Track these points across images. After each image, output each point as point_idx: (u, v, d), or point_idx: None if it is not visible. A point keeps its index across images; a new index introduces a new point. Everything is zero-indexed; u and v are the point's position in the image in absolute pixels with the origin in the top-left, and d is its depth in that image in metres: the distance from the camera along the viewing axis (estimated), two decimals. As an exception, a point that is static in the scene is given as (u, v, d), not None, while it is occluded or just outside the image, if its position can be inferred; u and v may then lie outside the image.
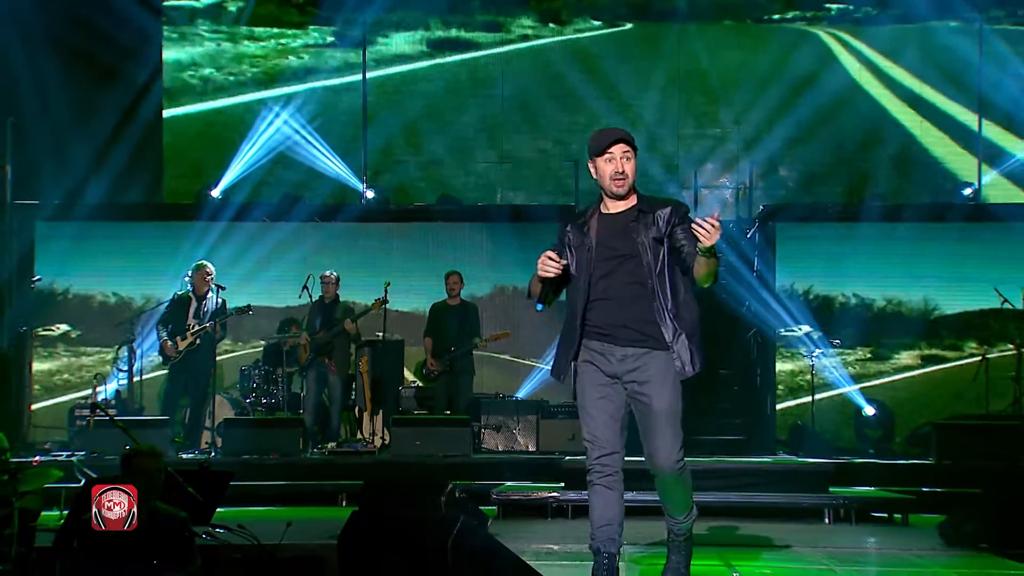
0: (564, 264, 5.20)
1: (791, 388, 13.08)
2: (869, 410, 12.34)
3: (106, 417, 8.23)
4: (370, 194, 14.88)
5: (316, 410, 12.10)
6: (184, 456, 11.05)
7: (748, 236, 13.42)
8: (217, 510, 7.32)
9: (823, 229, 13.29)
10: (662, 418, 5.21)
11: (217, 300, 11.81)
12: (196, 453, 11.42)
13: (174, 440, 11.38)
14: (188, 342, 11.64)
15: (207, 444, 11.69)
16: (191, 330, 11.66)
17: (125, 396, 12.42)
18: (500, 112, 15.49)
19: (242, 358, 13.15)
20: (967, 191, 14.34)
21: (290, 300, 12.69)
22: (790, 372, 13.12)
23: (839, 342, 12.47)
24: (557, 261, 5.13)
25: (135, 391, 12.40)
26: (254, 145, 14.88)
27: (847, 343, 12.91)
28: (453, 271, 12.23)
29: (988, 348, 12.64)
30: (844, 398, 12.70)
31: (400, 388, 12.67)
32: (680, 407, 5.25)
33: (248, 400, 12.33)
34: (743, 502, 9.39)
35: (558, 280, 5.24)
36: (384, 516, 5.79)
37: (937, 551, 7.56)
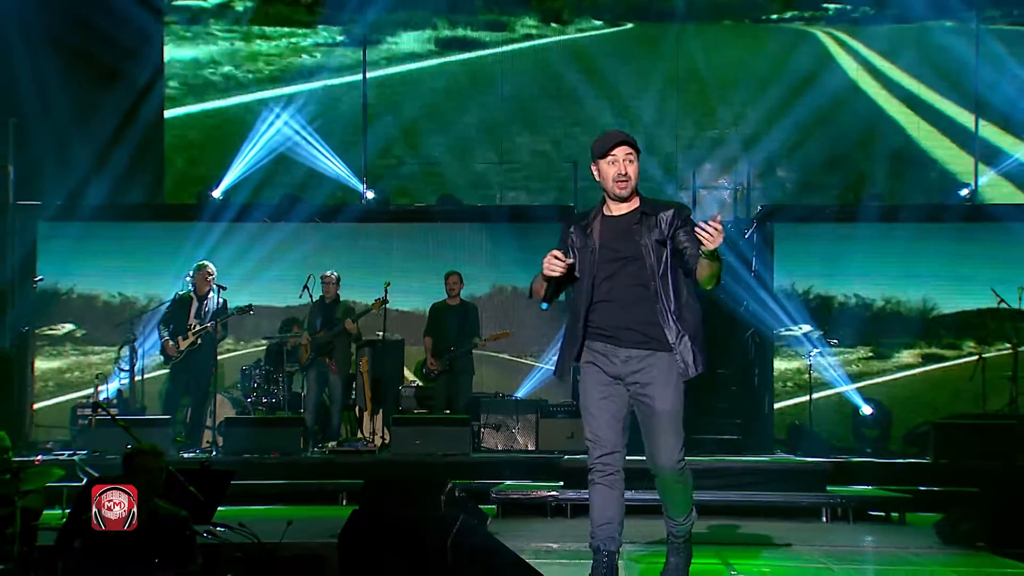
0: (570, 263, 5.23)
1: (789, 388, 13.12)
2: (866, 409, 12.36)
3: (108, 416, 8.21)
4: (370, 194, 14.91)
5: (317, 409, 12.11)
6: (185, 455, 11.06)
7: (746, 236, 13.43)
8: (218, 509, 7.29)
9: (821, 229, 13.32)
10: (664, 419, 5.24)
11: (218, 300, 11.81)
12: (197, 452, 11.42)
13: (175, 439, 11.42)
14: (189, 342, 11.67)
15: (208, 443, 11.70)
16: (192, 330, 11.68)
17: (127, 395, 12.42)
18: (500, 113, 15.50)
19: (243, 358, 13.17)
20: (964, 192, 14.38)
21: (291, 300, 12.71)
22: (789, 371, 13.15)
23: (836, 341, 12.49)
24: (563, 260, 5.17)
25: (136, 390, 12.39)
26: (255, 146, 14.90)
27: (845, 343, 12.93)
28: (453, 271, 12.22)
29: (986, 348, 12.68)
30: (841, 397, 12.75)
31: (400, 388, 12.69)
32: (682, 408, 5.29)
33: (249, 399, 12.35)
34: (741, 501, 9.38)
35: (562, 280, 5.27)
36: (384, 515, 5.78)
37: (934, 550, 7.58)
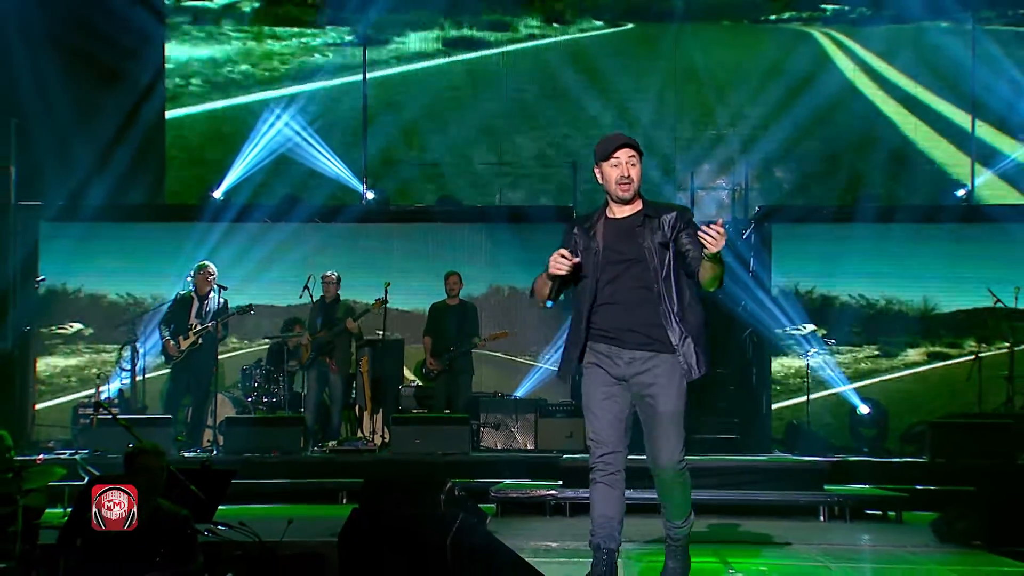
0: (577, 262, 5.26)
1: (787, 388, 13.14)
2: (864, 409, 12.36)
3: (109, 416, 8.20)
4: (370, 195, 14.94)
5: (317, 409, 12.13)
6: (186, 454, 11.07)
7: (744, 237, 13.43)
8: (219, 508, 7.25)
9: (818, 229, 13.35)
10: (667, 420, 5.29)
11: (219, 300, 11.83)
12: (198, 451, 11.43)
13: (176, 438, 11.43)
14: (190, 342, 11.68)
15: (209, 442, 11.71)
16: (193, 330, 11.70)
17: (128, 395, 12.41)
18: (499, 113, 15.52)
19: (244, 357, 13.19)
20: (960, 192, 14.41)
21: (291, 300, 12.71)
22: (786, 371, 13.17)
23: (834, 341, 12.51)
24: (569, 259, 5.20)
25: (138, 390, 12.39)
26: (255, 147, 14.93)
27: (842, 342, 12.94)
28: (452, 271, 12.23)
29: (984, 347, 12.68)
30: (839, 397, 12.77)
31: (400, 387, 12.71)
32: (683, 409, 5.33)
33: (250, 399, 12.36)
34: (739, 500, 9.40)
35: (567, 279, 5.30)
36: (384, 514, 5.79)
37: (931, 548, 7.61)
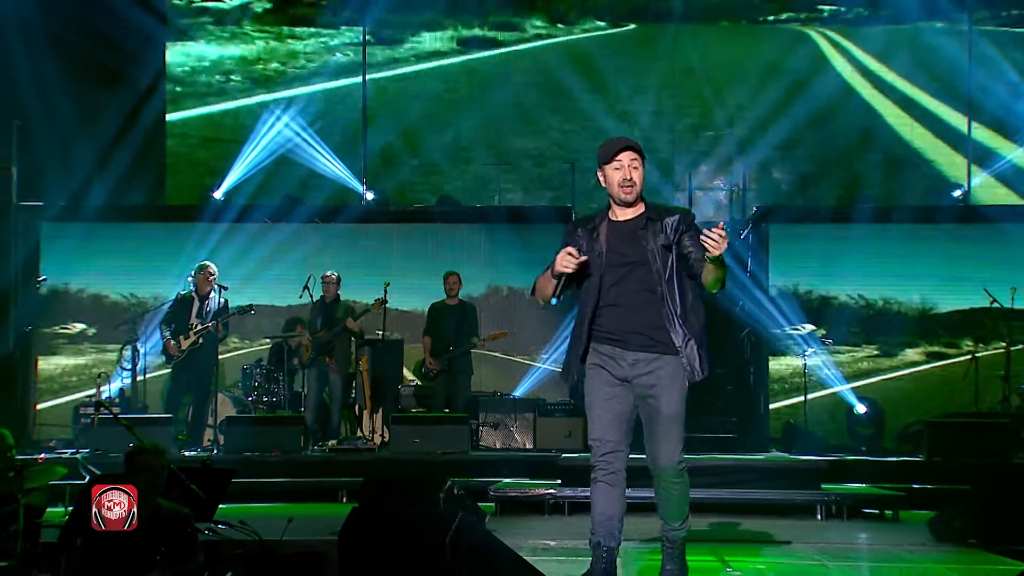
0: (583, 261, 5.29)
1: (785, 387, 13.16)
2: (861, 408, 12.38)
3: (110, 415, 8.18)
4: (370, 195, 14.97)
5: (317, 408, 12.14)
6: (187, 453, 11.10)
7: (742, 237, 13.43)
8: (219, 507, 7.25)
9: (816, 230, 13.37)
10: (668, 421, 5.33)
11: (219, 300, 11.86)
12: (199, 450, 11.45)
13: (177, 438, 11.47)
14: (191, 341, 11.71)
15: (209, 442, 11.72)
16: (194, 329, 11.73)
17: (129, 394, 12.43)
18: (498, 114, 15.55)
19: (245, 357, 13.20)
20: (957, 193, 14.43)
21: (291, 300, 12.73)
22: (784, 371, 13.19)
23: (831, 341, 12.54)
24: (576, 257, 5.23)
25: (139, 390, 12.42)
26: (256, 147, 14.96)
27: (840, 342, 12.95)
28: (452, 271, 12.25)
29: (982, 347, 12.68)
30: (836, 396, 12.77)
31: (399, 387, 12.73)
32: (684, 411, 5.37)
33: (250, 398, 12.38)
34: (737, 499, 9.42)
35: (571, 277, 5.34)
36: (384, 512, 5.78)
37: (927, 547, 7.64)
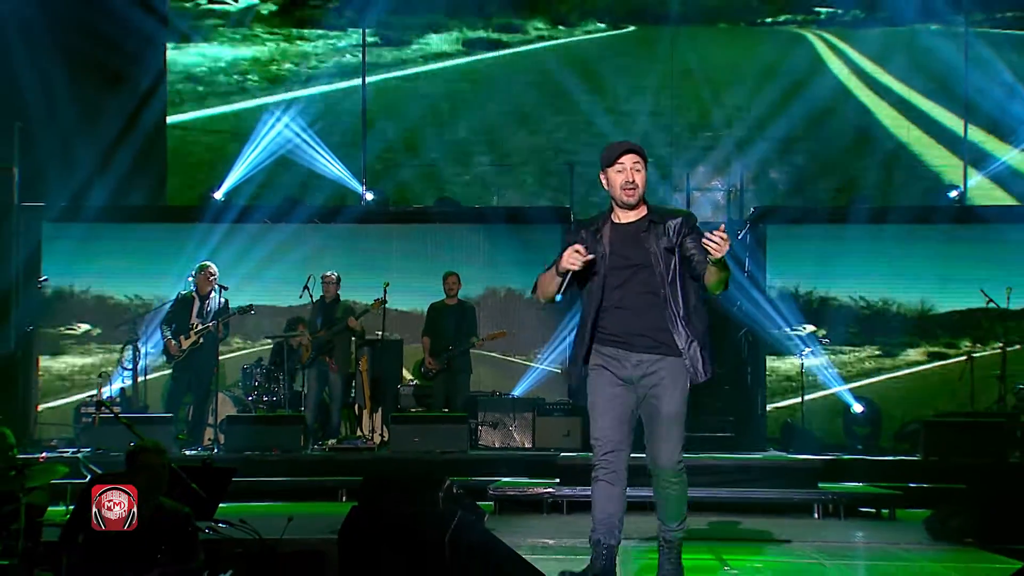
0: (590, 259, 5.33)
1: (782, 388, 13.18)
2: (857, 407, 12.42)
3: (111, 414, 8.19)
4: (369, 196, 15.00)
5: (317, 408, 12.16)
6: (188, 453, 11.12)
7: (739, 237, 13.44)
8: (220, 505, 7.29)
9: (813, 230, 13.38)
10: (669, 421, 5.37)
11: (220, 300, 11.89)
12: (199, 450, 11.46)
13: (178, 437, 11.50)
14: (191, 341, 11.75)
15: (210, 441, 11.75)
16: (194, 329, 11.76)
17: (130, 394, 12.49)
18: (497, 116, 15.59)
19: (247, 357, 13.22)
20: (953, 193, 14.45)
21: (291, 300, 12.74)
22: (781, 371, 13.21)
23: (828, 340, 12.57)
24: (583, 254, 5.27)
25: (139, 389, 12.48)
26: (256, 148, 15.00)
27: (837, 342, 13.00)
28: (451, 271, 12.27)
29: (980, 347, 12.72)
30: (833, 396, 12.80)
31: (399, 386, 12.77)
32: (685, 411, 5.41)
33: (250, 398, 12.41)
34: (734, 498, 9.45)
35: (577, 275, 5.35)
36: (383, 511, 5.77)
37: (924, 545, 7.67)
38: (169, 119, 15.60)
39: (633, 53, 15.77)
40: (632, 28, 15.93)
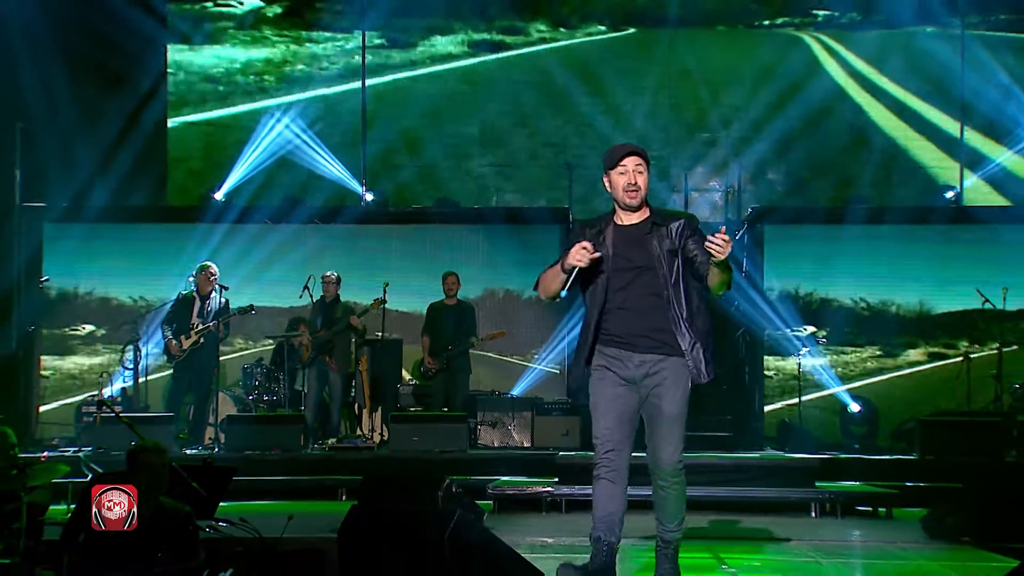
0: (598, 256, 5.35)
1: (780, 388, 13.20)
2: (854, 407, 12.43)
3: (112, 414, 8.19)
4: (369, 197, 15.02)
5: (317, 407, 12.18)
6: (188, 452, 11.13)
7: (737, 237, 13.49)
8: (220, 504, 7.31)
9: (810, 231, 13.39)
10: (670, 421, 5.41)
11: (220, 300, 11.92)
12: (200, 449, 11.48)
13: (178, 436, 11.54)
14: (192, 341, 11.78)
15: (210, 440, 11.79)
16: (195, 329, 11.79)
17: (131, 393, 12.52)
18: (496, 117, 15.62)
19: (248, 358, 13.22)
20: (949, 194, 14.46)
21: (292, 300, 12.77)
22: (779, 372, 13.23)
23: (825, 340, 12.59)
24: (590, 251, 5.28)
25: (140, 389, 12.50)
26: (256, 149, 15.02)
27: (834, 342, 13.03)
28: (450, 271, 12.29)
29: (977, 347, 12.73)
30: (830, 395, 12.80)
31: (398, 385, 12.79)
32: (687, 412, 5.45)
33: (251, 397, 12.44)
34: (732, 496, 9.47)
35: (583, 271, 5.38)
36: (383, 510, 5.77)
37: (920, 544, 7.69)
38: (170, 119, 15.62)
39: (632, 55, 15.82)
40: (632, 30, 15.97)
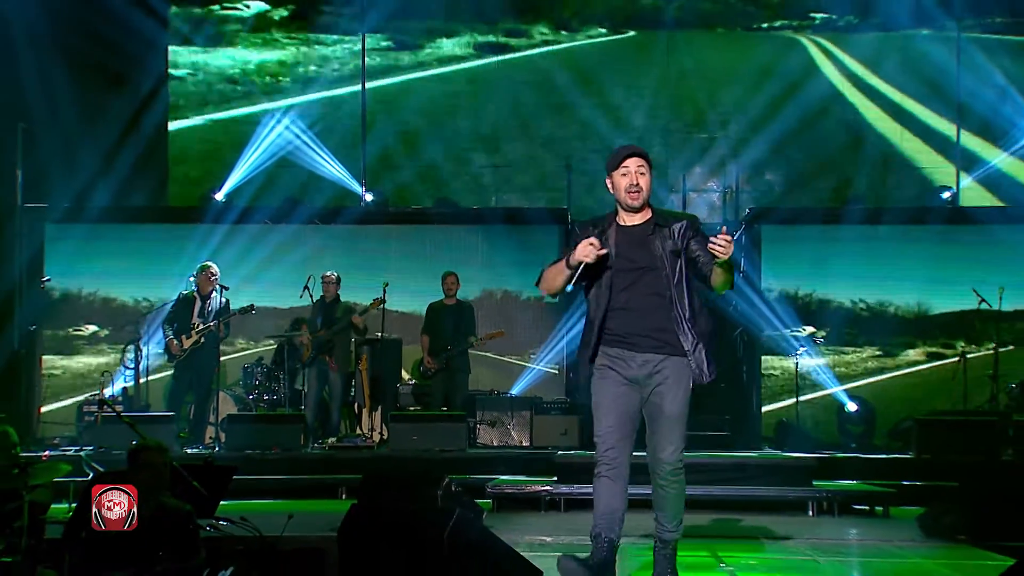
0: (605, 252, 5.37)
1: (777, 388, 13.24)
2: (851, 406, 12.48)
3: (113, 413, 8.22)
4: (369, 197, 15.05)
5: (317, 406, 12.20)
6: (189, 451, 11.18)
7: (735, 238, 13.49)
8: (221, 503, 7.34)
9: (808, 231, 13.45)
10: (671, 420, 5.44)
11: (221, 300, 11.95)
12: (200, 448, 11.53)
13: (179, 435, 11.55)
14: (193, 340, 11.81)
15: (211, 439, 11.83)
16: (196, 329, 11.83)
17: (132, 393, 12.56)
18: (495, 118, 15.65)
19: (250, 358, 13.24)
20: (946, 195, 14.48)
21: (292, 300, 12.79)
22: (776, 372, 13.28)
23: (823, 340, 12.63)
24: (597, 247, 5.31)
25: (141, 388, 12.54)
26: (257, 150, 15.05)
27: (832, 342, 13.05)
28: (450, 271, 12.30)
29: (975, 348, 12.74)
30: (828, 395, 12.86)
31: (398, 385, 12.82)
32: (687, 412, 5.48)
33: (251, 396, 12.48)
34: (730, 495, 9.50)
35: (589, 267, 5.39)
36: (382, 509, 5.77)
37: (916, 542, 7.70)
38: (171, 120, 15.65)
39: (631, 57, 15.85)
40: (632, 33, 16.01)
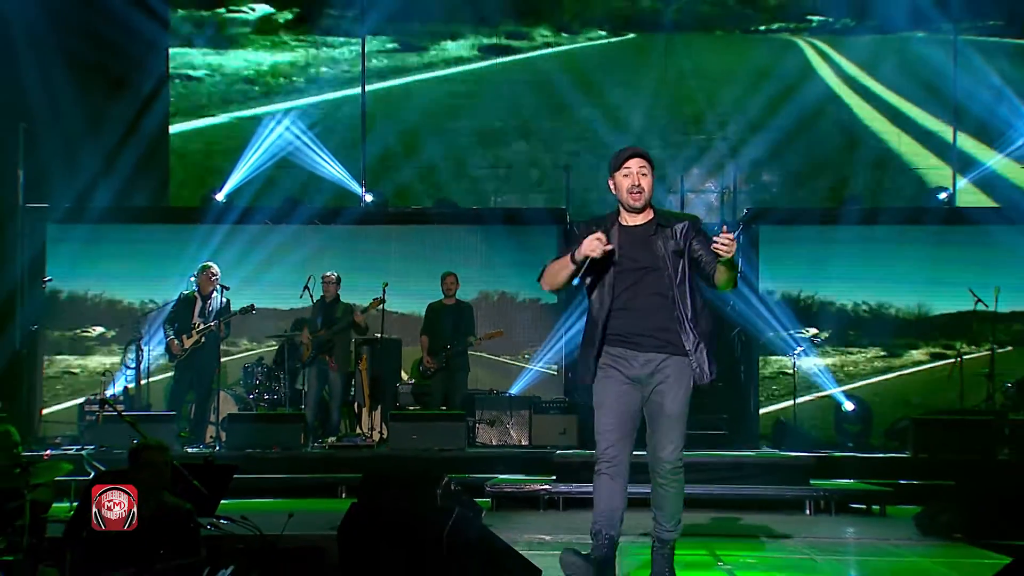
0: (611, 248, 5.40)
1: (775, 388, 13.26)
2: (848, 405, 12.51)
3: (114, 412, 8.27)
4: (369, 198, 15.07)
5: (317, 406, 12.23)
6: (190, 450, 11.20)
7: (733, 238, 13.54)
8: (221, 502, 7.36)
9: (805, 232, 13.49)
10: (671, 419, 5.47)
11: (221, 300, 11.97)
12: (201, 447, 11.54)
13: (180, 435, 11.58)
14: (193, 340, 11.83)
15: (212, 439, 11.84)
16: (196, 329, 11.85)
17: (133, 392, 12.58)
18: (495, 119, 15.68)
19: (251, 358, 13.26)
20: (942, 195, 14.48)
21: (292, 300, 12.81)
22: (774, 372, 13.31)
23: (820, 340, 12.66)
24: (604, 242, 5.33)
25: (142, 388, 12.57)
26: (257, 151, 15.07)
27: (829, 342, 13.08)
28: (449, 272, 12.33)
29: (974, 348, 12.76)
30: (826, 395, 12.89)
31: (398, 384, 12.84)
32: (688, 411, 5.51)
33: (251, 396, 12.51)
34: (728, 494, 9.51)
35: (594, 262, 5.43)
36: (382, 508, 5.80)
37: (913, 541, 7.70)
38: (171, 121, 15.68)
39: (630, 59, 15.88)
40: (632, 35, 16.05)
